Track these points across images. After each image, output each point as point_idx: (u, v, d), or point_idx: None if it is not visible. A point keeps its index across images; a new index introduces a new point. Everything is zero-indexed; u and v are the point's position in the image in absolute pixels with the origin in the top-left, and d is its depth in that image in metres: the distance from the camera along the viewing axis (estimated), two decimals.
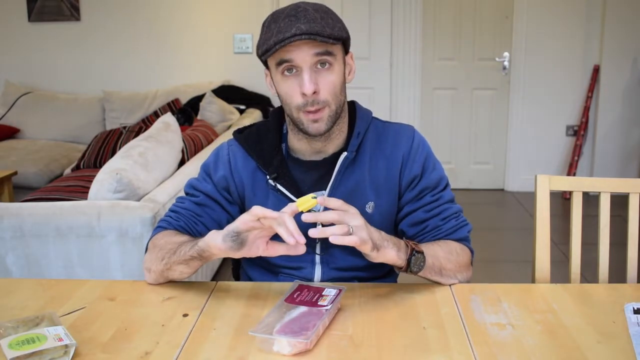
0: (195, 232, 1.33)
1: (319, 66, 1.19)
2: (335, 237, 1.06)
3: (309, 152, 1.32)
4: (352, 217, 1.10)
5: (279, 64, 1.19)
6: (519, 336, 1.06)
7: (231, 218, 1.37)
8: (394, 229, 1.39)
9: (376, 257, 1.15)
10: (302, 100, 1.20)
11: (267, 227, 1.08)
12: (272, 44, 1.16)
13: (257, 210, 1.07)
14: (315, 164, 1.32)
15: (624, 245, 1.44)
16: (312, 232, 1.06)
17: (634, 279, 1.44)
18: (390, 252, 1.15)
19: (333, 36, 1.17)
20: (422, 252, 1.20)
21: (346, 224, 1.08)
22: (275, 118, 1.37)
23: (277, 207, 1.30)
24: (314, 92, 1.18)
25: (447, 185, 1.37)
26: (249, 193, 1.34)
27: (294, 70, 1.19)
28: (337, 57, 1.22)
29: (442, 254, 1.26)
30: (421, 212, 1.33)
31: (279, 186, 1.29)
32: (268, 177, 1.30)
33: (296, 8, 1.19)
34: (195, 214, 1.34)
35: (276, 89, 1.26)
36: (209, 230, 1.32)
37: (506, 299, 1.20)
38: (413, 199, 1.33)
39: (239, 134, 1.38)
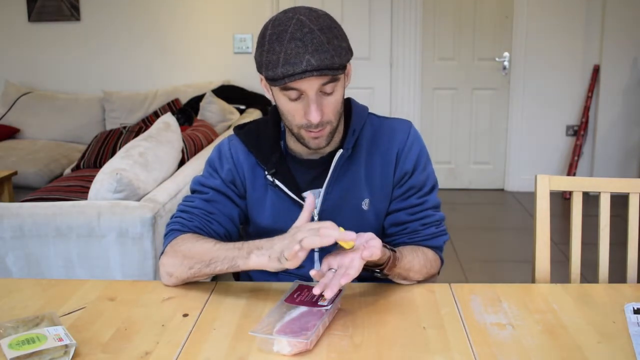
0: (210, 230, 1.31)
1: (322, 89, 1.17)
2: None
3: (307, 152, 1.32)
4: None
5: (284, 89, 1.17)
6: (519, 336, 1.06)
7: (242, 212, 1.37)
8: None
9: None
10: (305, 122, 1.19)
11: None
12: (280, 75, 1.12)
13: (305, 242, 1.03)
14: (313, 162, 1.33)
15: (624, 245, 1.44)
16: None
17: (634, 279, 1.44)
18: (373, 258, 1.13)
19: (342, 66, 1.15)
20: (387, 275, 1.21)
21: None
22: (275, 115, 1.37)
23: (276, 203, 1.31)
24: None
25: (433, 187, 1.36)
26: (249, 188, 1.35)
27: (298, 94, 1.17)
28: (341, 77, 1.20)
29: (417, 266, 1.27)
30: (404, 214, 1.33)
31: (277, 182, 1.30)
32: (266, 172, 1.31)
33: (301, 28, 1.12)
34: (207, 212, 1.33)
35: (275, 100, 1.24)
36: (224, 227, 1.33)
37: (506, 299, 1.20)
38: (399, 197, 1.34)
39: (240, 129, 1.38)
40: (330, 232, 1.03)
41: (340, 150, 1.30)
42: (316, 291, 1.05)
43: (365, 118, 1.34)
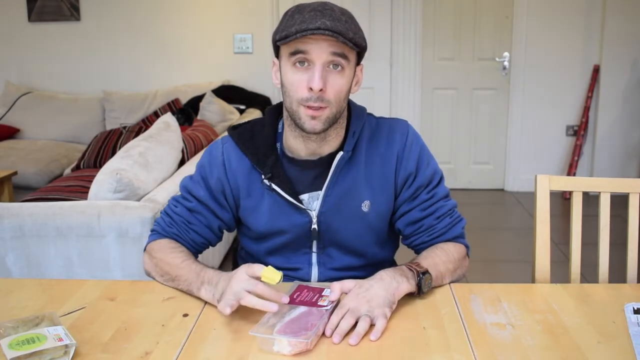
0: (188, 238, 1.35)
1: (331, 67, 1.19)
2: (375, 335, 1.05)
3: (305, 151, 1.30)
4: (358, 306, 1.09)
5: (294, 53, 1.18)
6: (519, 336, 1.06)
7: (223, 224, 1.38)
8: (390, 227, 1.39)
9: (397, 301, 1.15)
10: (306, 94, 1.19)
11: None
12: (293, 32, 1.15)
13: (247, 299, 1.07)
14: (310, 163, 1.31)
15: (624, 245, 1.44)
16: (353, 341, 1.04)
17: (634, 279, 1.44)
18: (402, 286, 1.15)
19: (354, 41, 1.18)
20: (426, 271, 1.20)
21: (364, 316, 1.07)
22: (271, 116, 1.36)
23: (273, 206, 1.31)
24: (321, 90, 1.18)
25: (441, 179, 1.37)
26: (243, 194, 1.34)
27: (306, 64, 1.18)
28: (350, 63, 1.22)
29: (441, 264, 1.26)
30: (416, 211, 1.33)
31: (274, 186, 1.29)
32: (263, 176, 1.30)
33: (323, 5, 1.19)
34: (187, 221, 1.35)
35: (282, 78, 1.24)
36: (202, 236, 1.36)
37: (506, 299, 1.20)
38: (409, 198, 1.33)
39: (234, 130, 1.37)
40: (264, 292, 1.07)
41: (341, 153, 1.29)
42: (336, 339, 1.05)
43: (364, 119, 1.34)
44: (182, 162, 2.83)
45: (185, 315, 1.15)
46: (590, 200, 1.78)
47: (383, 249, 1.41)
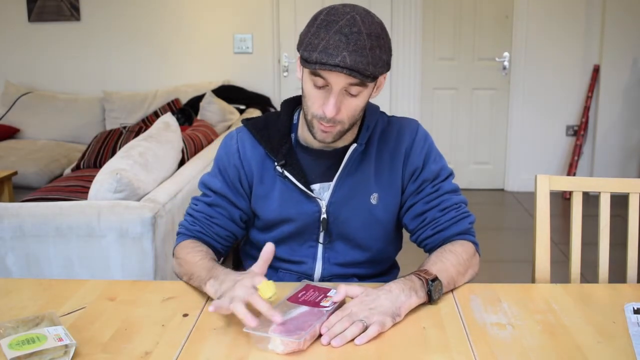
0: (212, 233, 1.36)
1: (348, 89, 1.18)
2: (361, 339, 1.04)
3: (319, 142, 1.31)
4: (357, 312, 1.08)
5: (313, 73, 1.18)
6: (519, 336, 1.06)
7: (243, 214, 1.39)
8: (397, 224, 1.40)
9: (404, 315, 1.13)
10: (321, 113, 1.20)
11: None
12: (313, 60, 1.14)
13: (234, 304, 1.05)
14: (324, 153, 1.33)
15: (624, 245, 1.44)
16: (335, 343, 1.03)
17: (634, 279, 1.44)
18: (410, 301, 1.14)
19: (374, 75, 1.16)
20: (436, 278, 1.18)
21: (358, 321, 1.06)
22: (287, 108, 1.38)
23: (284, 194, 1.32)
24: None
25: (449, 176, 1.36)
26: (256, 181, 1.35)
27: (324, 83, 1.18)
28: (369, 85, 1.20)
29: (451, 268, 1.24)
30: (420, 204, 1.34)
31: (286, 173, 1.30)
32: (276, 163, 1.31)
33: (351, 26, 1.14)
34: (209, 216, 1.37)
35: (302, 80, 1.24)
36: (225, 229, 1.37)
37: (506, 299, 1.20)
38: (414, 192, 1.34)
39: (247, 121, 1.38)
40: (259, 304, 1.04)
41: (354, 145, 1.30)
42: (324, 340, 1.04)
43: (377, 116, 1.37)
44: (182, 162, 2.83)
45: (185, 315, 1.15)
46: (590, 200, 1.78)
47: (388, 246, 1.42)
